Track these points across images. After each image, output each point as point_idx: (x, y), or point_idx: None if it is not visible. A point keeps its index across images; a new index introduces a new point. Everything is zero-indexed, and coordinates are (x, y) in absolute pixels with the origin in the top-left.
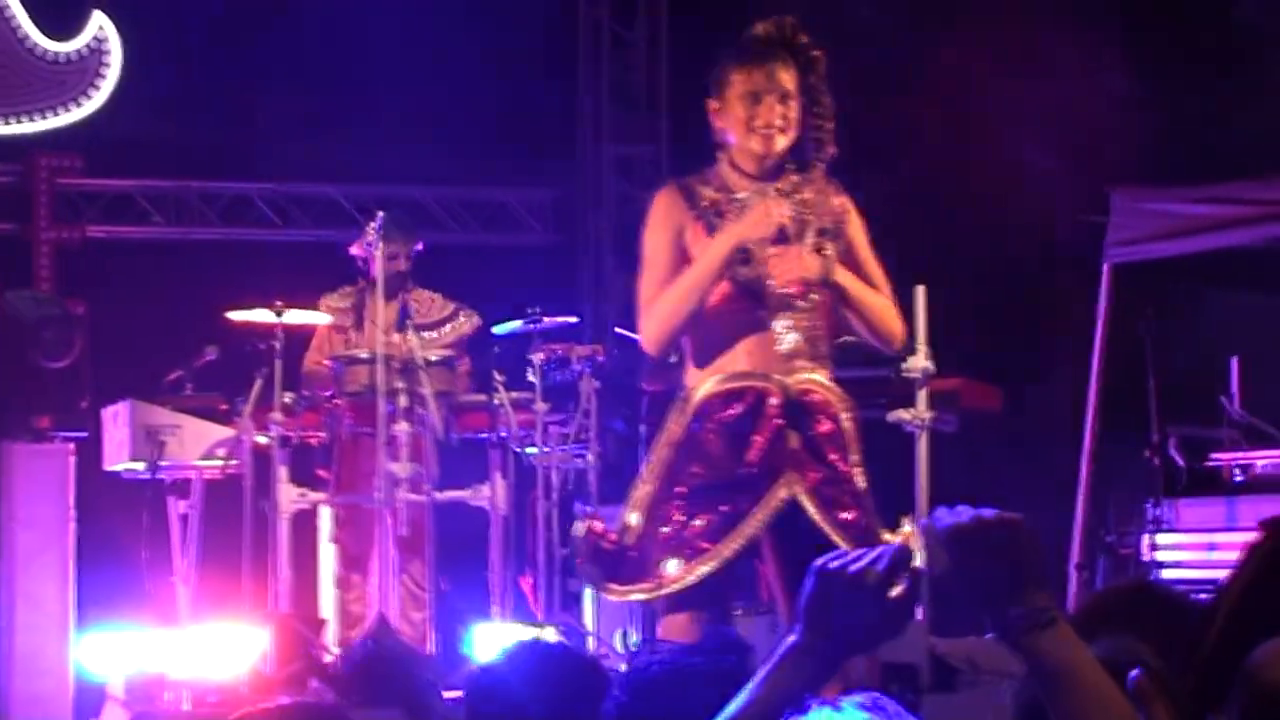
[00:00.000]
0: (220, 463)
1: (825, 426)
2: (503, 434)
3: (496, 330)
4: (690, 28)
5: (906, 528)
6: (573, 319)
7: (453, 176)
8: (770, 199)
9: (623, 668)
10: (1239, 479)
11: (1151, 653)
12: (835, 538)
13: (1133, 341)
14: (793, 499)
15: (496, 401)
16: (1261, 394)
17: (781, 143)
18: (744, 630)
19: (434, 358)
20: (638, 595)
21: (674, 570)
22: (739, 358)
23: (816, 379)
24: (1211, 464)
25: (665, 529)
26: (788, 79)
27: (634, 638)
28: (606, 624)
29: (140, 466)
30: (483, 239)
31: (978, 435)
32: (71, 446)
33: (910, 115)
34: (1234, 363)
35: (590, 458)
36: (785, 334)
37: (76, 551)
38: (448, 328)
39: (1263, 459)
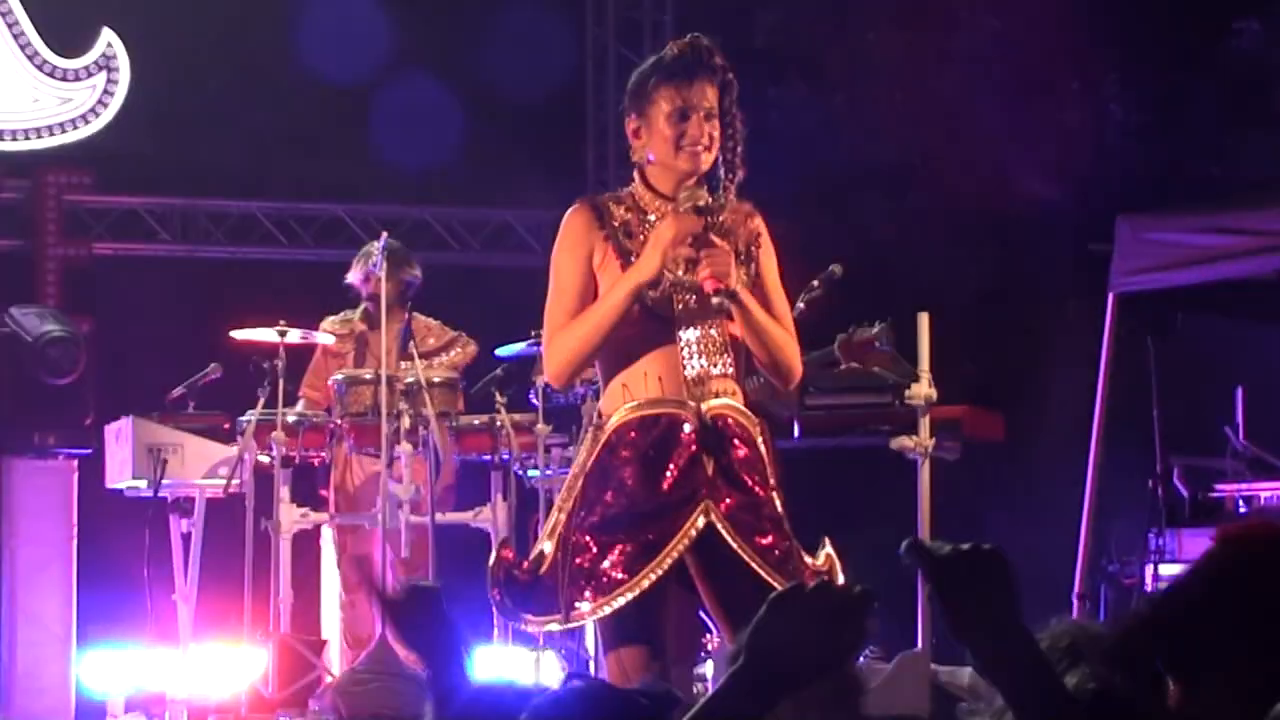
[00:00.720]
0: (222, 481)
1: (741, 452)
2: (504, 456)
3: (499, 352)
4: None
5: (827, 549)
6: None
7: (457, 196)
8: (663, 222)
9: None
10: (1243, 510)
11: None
12: (753, 564)
13: (1137, 371)
14: (709, 526)
15: (498, 423)
16: (1266, 425)
17: (707, 160)
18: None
19: (437, 379)
20: (552, 626)
21: (587, 603)
22: (651, 383)
23: (729, 403)
24: (1215, 495)
25: (579, 559)
26: (712, 97)
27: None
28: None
29: (142, 484)
30: (486, 259)
31: (980, 464)
32: (74, 463)
33: (915, 143)
34: (1239, 393)
35: None
36: (694, 358)
37: (78, 569)
38: (445, 357)
39: (1267, 490)
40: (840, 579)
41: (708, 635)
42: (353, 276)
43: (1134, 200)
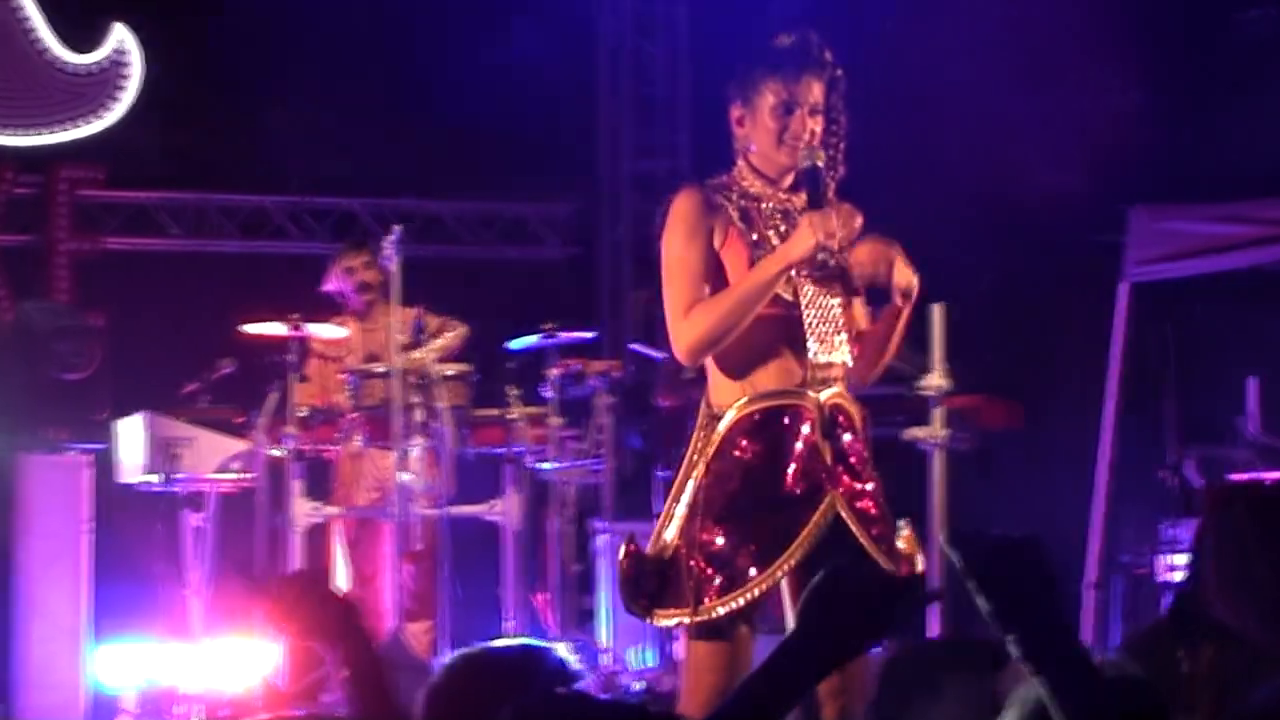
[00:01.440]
0: (235, 476)
1: (852, 440)
2: (517, 449)
3: (512, 345)
4: (710, 42)
5: (905, 531)
6: (589, 334)
7: (470, 190)
8: (816, 216)
9: (636, 686)
10: None
11: None
12: (873, 553)
13: (1150, 361)
14: (836, 517)
15: (511, 416)
16: (1279, 415)
17: (822, 156)
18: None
19: (449, 372)
20: (682, 619)
21: (719, 595)
22: (770, 374)
23: (841, 391)
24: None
25: (707, 553)
26: (818, 93)
27: (649, 655)
28: (621, 641)
29: (155, 479)
30: (499, 253)
31: (994, 454)
32: (88, 458)
33: (928, 133)
34: (1252, 383)
35: (605, 473)
36: (815, 346)
37: (91, 563)
38: (436, 342)
39: None
40: (920, 562)
41: None
42: (330, 284)
43: (1148, 189)
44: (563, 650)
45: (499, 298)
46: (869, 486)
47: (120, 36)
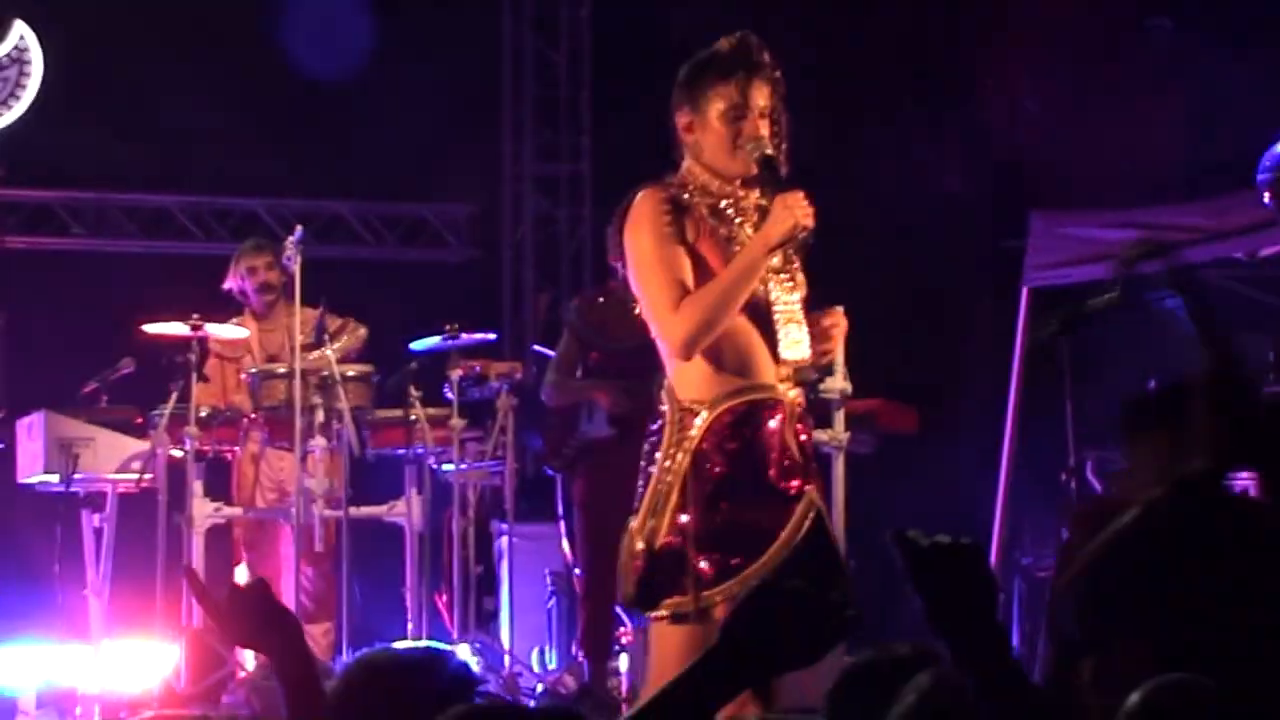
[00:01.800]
0: (135, 476)
1: (808, 439)
2: (419, 450)
3: (414, 346)
4: (613, 48)
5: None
6: (490, 335)
7: (372, 190)
8: (786, 198)
9: (539, 687)
10: None
11: None
12: (838, 548)
13: (1050, 365)
14: (817, 513)
15: (413, 417)
16: None
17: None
18: None
19: (351, 373)
20: (680, 609)
21: (713, 584)
22: (749, 369)
23: (801, 393)
24: None
25: (698, 542)
26: (766, 96)
27: (550, 656)
28: (523, 643)
29: (54, 479)
30: (401, 254)
31: (895, 457)
32: None
33: (829, 136)
34: (1151, 387)
35: (507, 475)
36: (786, 344)
37: None
38: (338, 343)
39: None
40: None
41: (622, 629)
42: (230, 282)
43: (1045, 196)
44: (464, 653)
45: (401, 299)
46: (822, 485)
47: (20, 32)
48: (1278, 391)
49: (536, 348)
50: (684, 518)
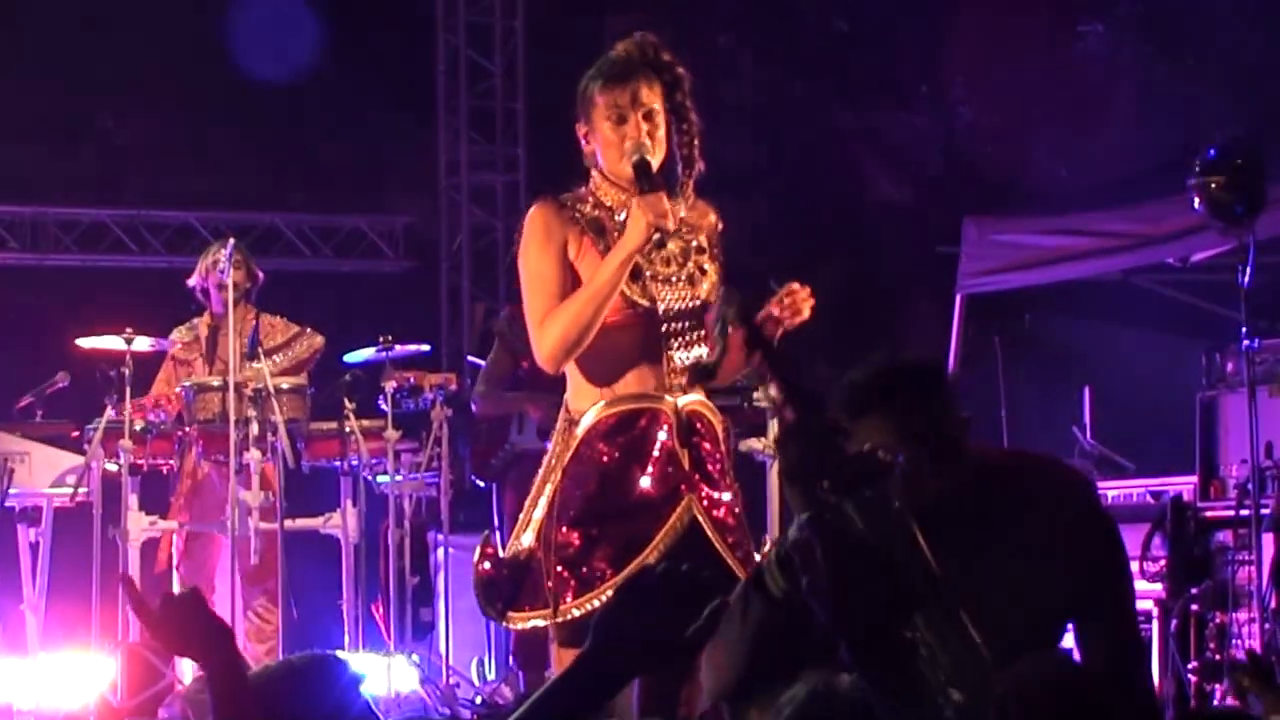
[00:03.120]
0: (70, 490)
1: (710, 448)
2: (354, 462)
3: (348, 358)
4: (548, 59)
5: (766, 546)
6: (425, 347)
7: (307, 202)
8: (644, 200)
9: (477, 699)
10: None
11: None
12: (729, 560)
13: (986, 372)
14: (692, 521)
15: (347, 429)
16: (1113, 424)
17: (653, 161)
18: None
19: (285, 385)
20: (537, 621)
21: (574, 597)
22: (627, 378)
23: (700, 398)
24: None
25: (563, 554)
26: (652, 97)
27: (489, 667)
28: (460, 654)
29: None
30: (336, 265)
31: None
32: None
33: (767, 145)
34: (1086, 392)
35: (442, 486)
36: (675, 352)
37: None
38: (289, 352)
39: (1114, 489)
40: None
41: None
42: (194, 280)
43: (981, 202)
44: (402, 664)
45: (336, 310)
46: (726, 496)
47: None
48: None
49: (472, 359)
50: (551, 530)
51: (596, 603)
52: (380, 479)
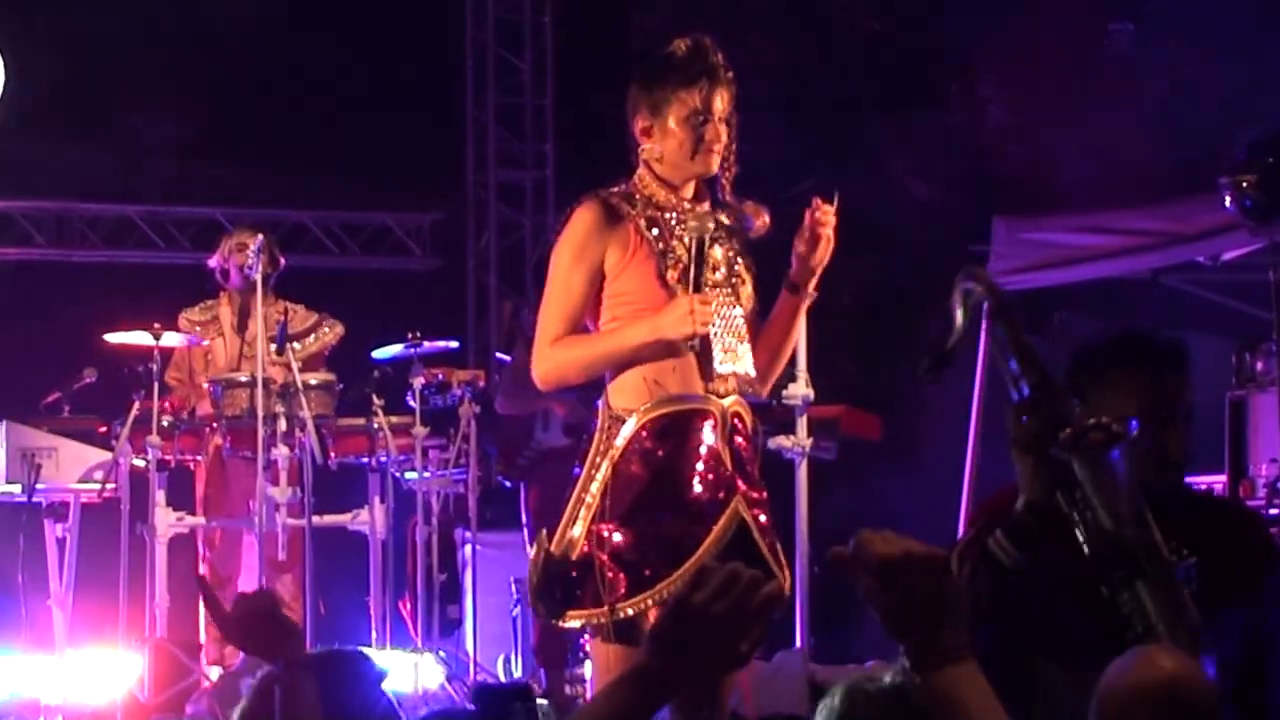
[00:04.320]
0: (97, 486)
1: (747, 448)
2: (382, 458)
3: (376, 354)
4: (576, 56)
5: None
6: (453, 344)
7: (335, 199)
8: (697, 299)
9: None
10: None
11: None
12: (770, 562)
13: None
14: (740, 523)
15: (375, 425)
16: None
17: (717, 163)
18: None
19: (314, 381)
20: (595, 620)
21: (626, 596)
22: (677, 378)
23: (737, 399)
24: None
25: (615, 553)
26: (725, 101)
27: (515, 664)
28: (487, 650)
29: (16, 489)
30: (364, 263)
31: (860, 463)
32: None
33: (794, 144)
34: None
35: (470, 482)
36: (720, 354)
37: None
38: (311, 338)
39: None
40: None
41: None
42: (215, 260)
43: (1011, 201)
44: (429, 662)
45: (364, 308)
46: (763, 496)
47: None
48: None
49: (499, 355)
50: (602, 527)
51: (647, 604)
52: (408, 475)
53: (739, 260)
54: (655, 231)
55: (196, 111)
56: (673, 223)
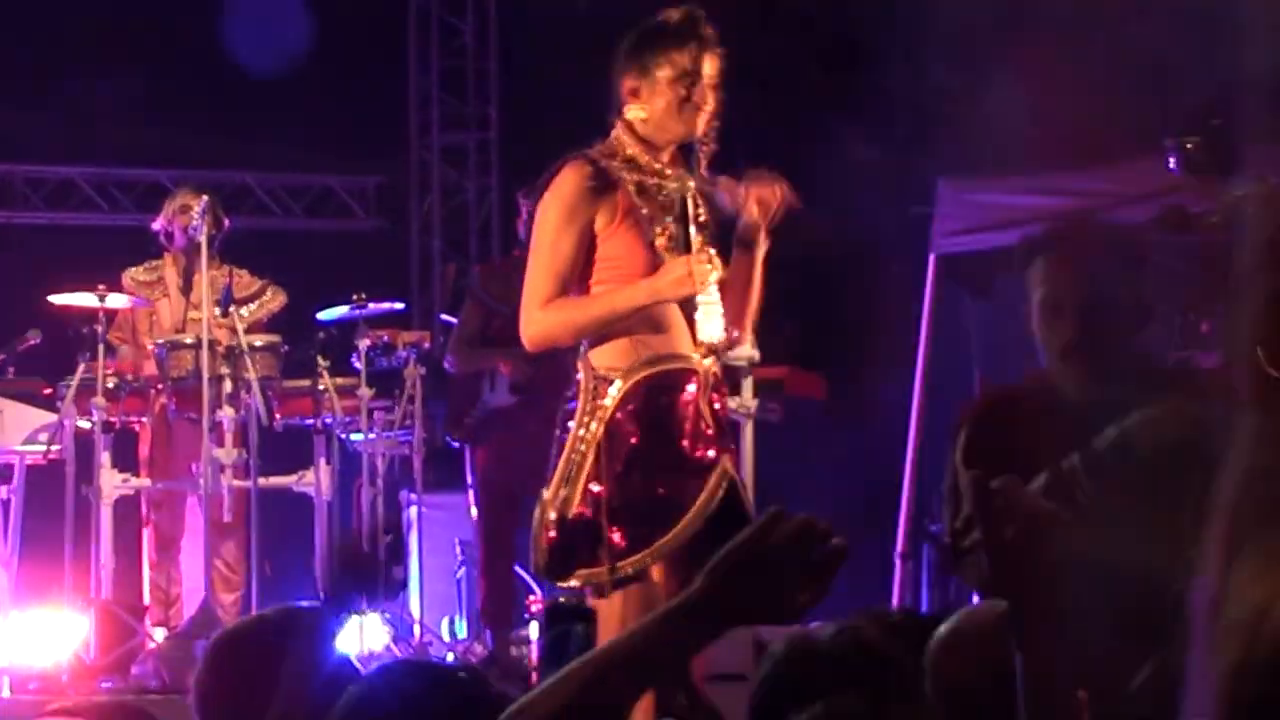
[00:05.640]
0: (42, 448)
1: (721, 408)
2: (327, 420)
3: (321, 316)
4: (519, 18)
5: None
6: (398, 305)
7: (279, 161)
8: (694, 259)
9: (449, 656)
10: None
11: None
12: (751, 519)
13: (958, 332)
14: (730, 481)
15: (321, 387)
16: None
17: (702, 126)
18: None
19: (259, 343)
20: (595, 579)
21: (627, 555)
22: (664, 338)
23: (716, 361)
24: None
25: (613, 511)
26: (714, 68)
27: (460, 626)
28: (432, 612)
29: None
30: (308, 224)
31: (803, 425)
32: None
33: (735, 107)
34: None
35: (415, 444)
36: (705, 317)
37: None
38: (255, 304)
39: None
40: None
41: (531, 596)
42: (159, 223)
43: (954, 162)
44: (374, 622)
45: (308, 269)
46: (735, 457)
47: None
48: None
49: (444, 317)
50: (596, 487)
51: (647, 562)
52: (354, 437)
53: (709, 228)
54: (644, 197)
55: (139, 73)
56: (656, 190)
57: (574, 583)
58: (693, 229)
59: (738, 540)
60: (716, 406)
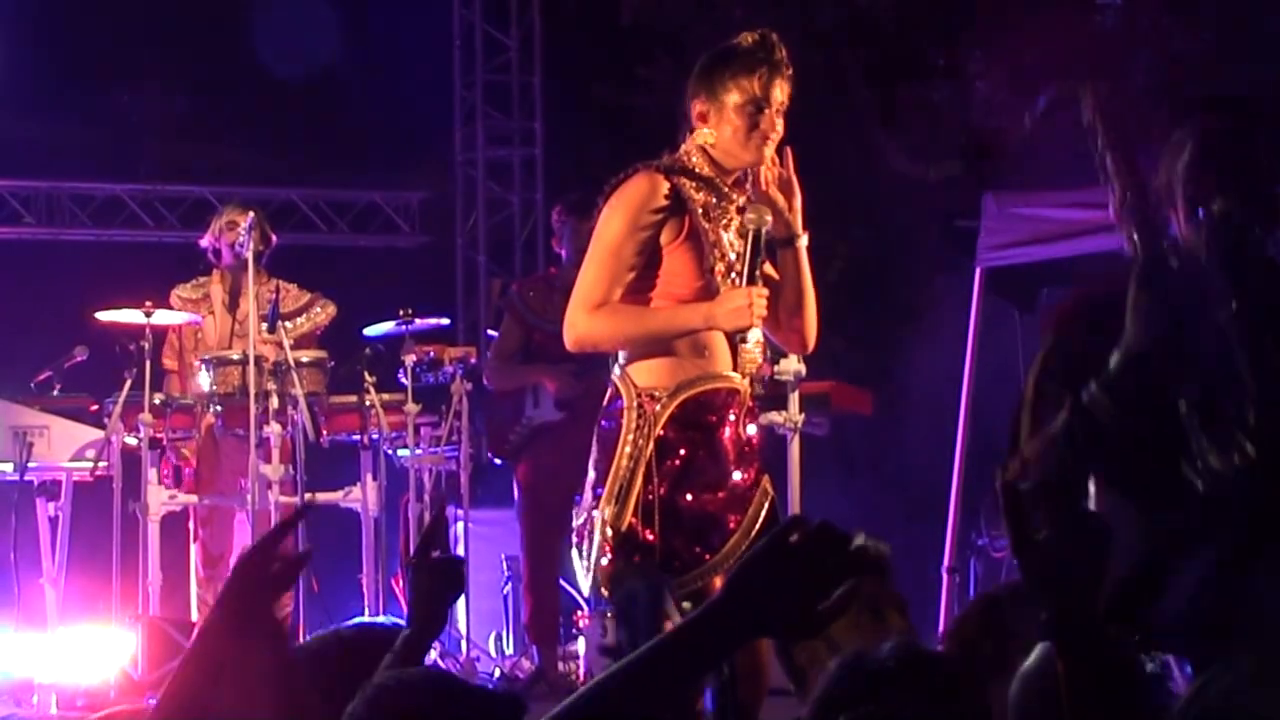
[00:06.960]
0: (90, 464)
1: (755, 426)
2: (374, 436)
3: (368, 331)
4: (563, 33)
5: None
6: (444, 320)
7: (324, 177)
8: (755, 295)
9: (495, 672)
10: None
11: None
12: None
13: (1005, 345)
14: (771, 500)
15: (368, 403)
16: None
17: (770, 154)
18: None
19: (306, 359)
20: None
21: (683, 574)
22: (710, 357)
23: (750, 384)
24: None
25: (665, 533)
26: (784, 94)
27: (507, 641)
28: (479, 628)
29: (8, 468)
30: (353, 240)
31: (850, 439)
32: None
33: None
34: None
35: (461, 460)
36: (745, 336)
37: None
38: (303, 318)
39: None
40: None
41: (579, 612)
42: (206, 240)
43: (1001, 175)
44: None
45: (354, 285)
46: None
47: None
48: None
49: (490, 332)
50: (650, 506)
51: (697, 584)
52: (400, 453)
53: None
54: (709, 219)
55: (186, 90)
56: (720, 215)
57: None
58: (765, 265)
59: (755, 551)
60: (753, 424)
